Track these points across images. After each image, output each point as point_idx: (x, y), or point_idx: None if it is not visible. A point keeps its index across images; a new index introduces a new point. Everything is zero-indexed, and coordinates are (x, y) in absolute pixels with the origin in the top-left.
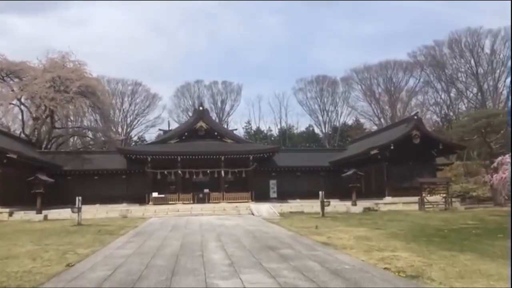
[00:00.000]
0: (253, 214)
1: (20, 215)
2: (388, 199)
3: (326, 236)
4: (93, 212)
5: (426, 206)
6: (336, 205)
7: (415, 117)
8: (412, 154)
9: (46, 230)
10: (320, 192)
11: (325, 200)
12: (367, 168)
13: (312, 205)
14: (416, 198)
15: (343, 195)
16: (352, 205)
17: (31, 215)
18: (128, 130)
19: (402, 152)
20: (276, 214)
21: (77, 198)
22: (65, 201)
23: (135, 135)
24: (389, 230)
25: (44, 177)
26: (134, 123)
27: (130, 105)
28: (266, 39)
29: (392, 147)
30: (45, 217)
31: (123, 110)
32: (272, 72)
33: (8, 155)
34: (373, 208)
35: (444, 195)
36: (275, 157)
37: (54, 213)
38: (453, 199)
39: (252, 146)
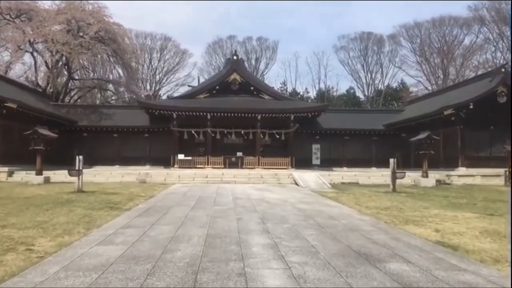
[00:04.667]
0: (297, 184)
1: (21, 175)
2: (462, 170)
3: (430, 228)
4: (106, 175)
5: None
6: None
7: (503, 70)
8: (495, 117)
9: (32, 198)
10: (391, 160)
11: (397, 171)
12: (435, 133)
13: (368, 175)
14: (498, 170)
15: (400, 164)
16: (423, 176)
17: (32, 176)
18: (157, 88)
19: (482, 113)
20: (326, 185)
21: (77, 158)
22: None
23: (164, 94)
24: None
25: (45, 131)
26: (163, 81)
27: (159, 61)
28: None
29: (471, 107)
30: (46, 180)
31: (152, 66)
32: (311, 30)
33: (6, 104)
34: (444, 181)
35: None
36: (319, 118)
37: (61, 175)
38: None
39: (294, 104)
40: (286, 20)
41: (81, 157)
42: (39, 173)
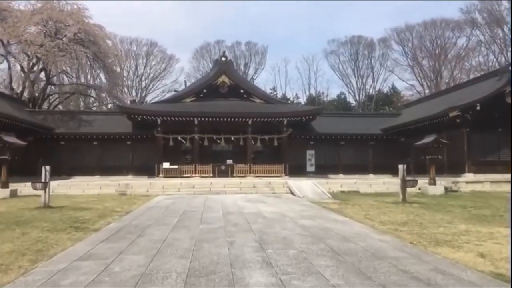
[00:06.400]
0: (293, 193)
1: None
2: (469, 176)
3: (471, 251)
4: (83, 186)
5: None
6: (395, 183)
7: (510, 68)
8: (503, 118)
9: None
10: (401, 166)
11: (408, 178)
12: (438, 136)
13: (369, 183)
14: (507, 176)
15: (397, 171)
16: (430, 184)
17: None
18: (143, 94)
19: (489, 115)
20: (325, 195)
21: (43, 169)
22: (58, 171)
23: (150, 101)
24: None
25: (11, 139)
26: (150, 87)
27: (144, 67)
28: None
29: (477, 108)
30: (13, 193)
31: (137, 73)
32: (300, 35)
33: None
34: (451, 188)
35: None
36: (314, 122)
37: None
38: None
39: (287, 108)
40: (275, 25)
41: (48, 167)
42: (4, 185)
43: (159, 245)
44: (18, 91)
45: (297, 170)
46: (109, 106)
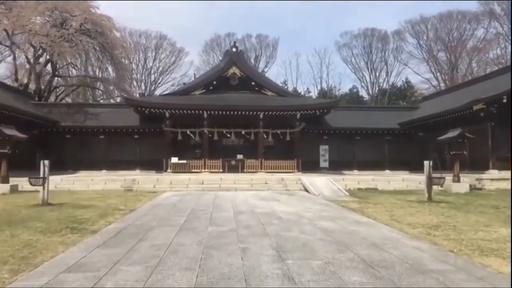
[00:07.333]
0: (307, 191)
1: None
2: (494, 173)
3: None
4: (87, 181)
5: None
6: (415, 180)
7: (510, 68)
8: None
9: None
10: (426, 162)
11: (434, 176)
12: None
13: (387, 180)
14: None
15: (415, 167)
16: (454, 181)
17: None
18: (152, 88)
19: None
20: (342, 192)
21: (41, 163)
22: (63, 165)
23: (159, 94)
24: None
25: (11, 132)
26: (159, 81)
27: (154, 60)
28: None
29: (504, 101)
30: (13, 188)
31: (146, 66)
32: (312, 28)
33: None
34: (475, 186)
35: None
36: (327, 116)
37: None
38: None
39: (300, 101)
40: (286, 18)
41: (46, 161)
42: (4, 180)
43: (161, 253)
44: (23, 82)
45: (310, 166)
46: (118, 99)
